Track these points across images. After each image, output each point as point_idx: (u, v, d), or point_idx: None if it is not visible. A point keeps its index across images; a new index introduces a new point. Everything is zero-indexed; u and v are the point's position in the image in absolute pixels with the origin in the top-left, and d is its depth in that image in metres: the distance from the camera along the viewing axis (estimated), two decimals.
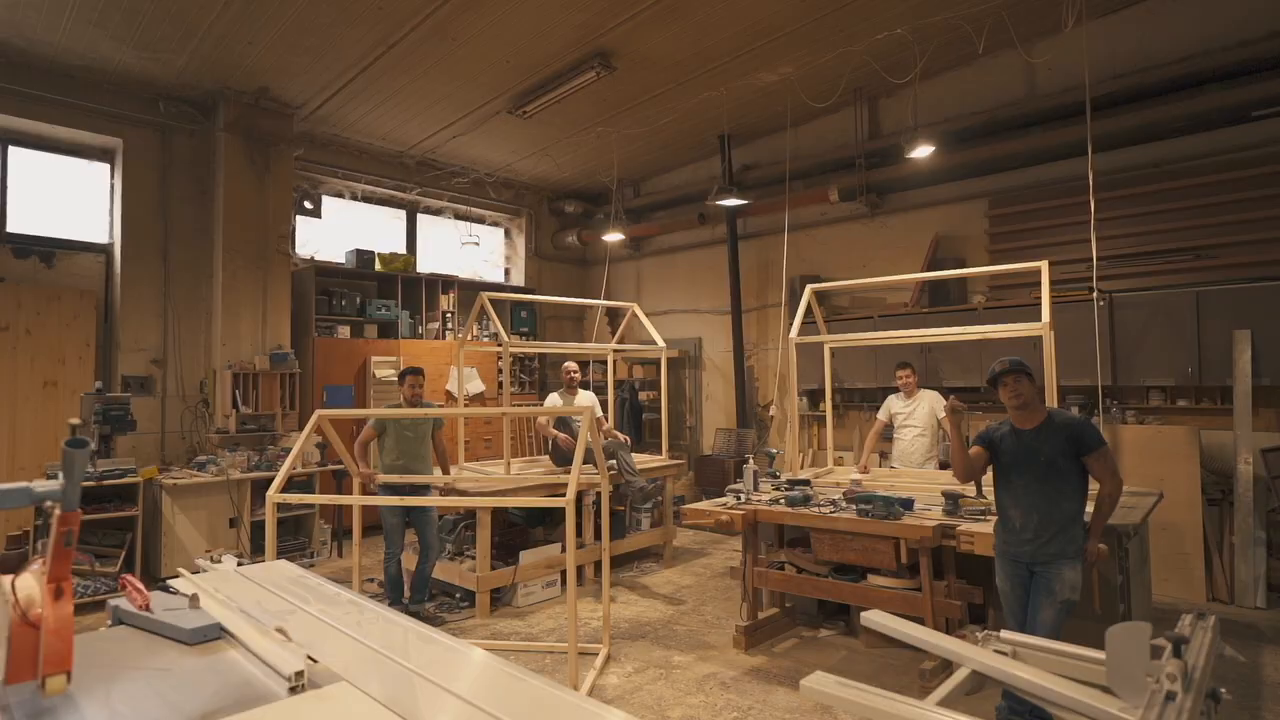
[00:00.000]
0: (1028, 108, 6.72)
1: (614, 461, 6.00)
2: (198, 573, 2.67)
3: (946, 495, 4.01)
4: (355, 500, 4.30)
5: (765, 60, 6.73)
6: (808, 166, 8.13)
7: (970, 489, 4.05)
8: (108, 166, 7.02)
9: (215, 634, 1.97)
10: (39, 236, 6.56)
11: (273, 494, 3.84)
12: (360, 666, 1.80)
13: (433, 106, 7.51)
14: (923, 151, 6.01)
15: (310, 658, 1.77)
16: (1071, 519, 3.11)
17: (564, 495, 3.48)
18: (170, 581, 2.44)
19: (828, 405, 6.07)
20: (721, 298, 9.11)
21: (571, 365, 6.36)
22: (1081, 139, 6.23)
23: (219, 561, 2.93)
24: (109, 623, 2.07)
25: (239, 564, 2.85)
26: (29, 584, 1.52)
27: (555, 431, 6.10)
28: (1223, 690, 1.70)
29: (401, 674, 1.74)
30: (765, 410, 8.95)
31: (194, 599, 2.15)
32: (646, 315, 7.43)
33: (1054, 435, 3.16)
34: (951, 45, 6.42)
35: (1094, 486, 3.23)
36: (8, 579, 1.56)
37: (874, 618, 2.45)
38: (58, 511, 1.54)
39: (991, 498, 4.02)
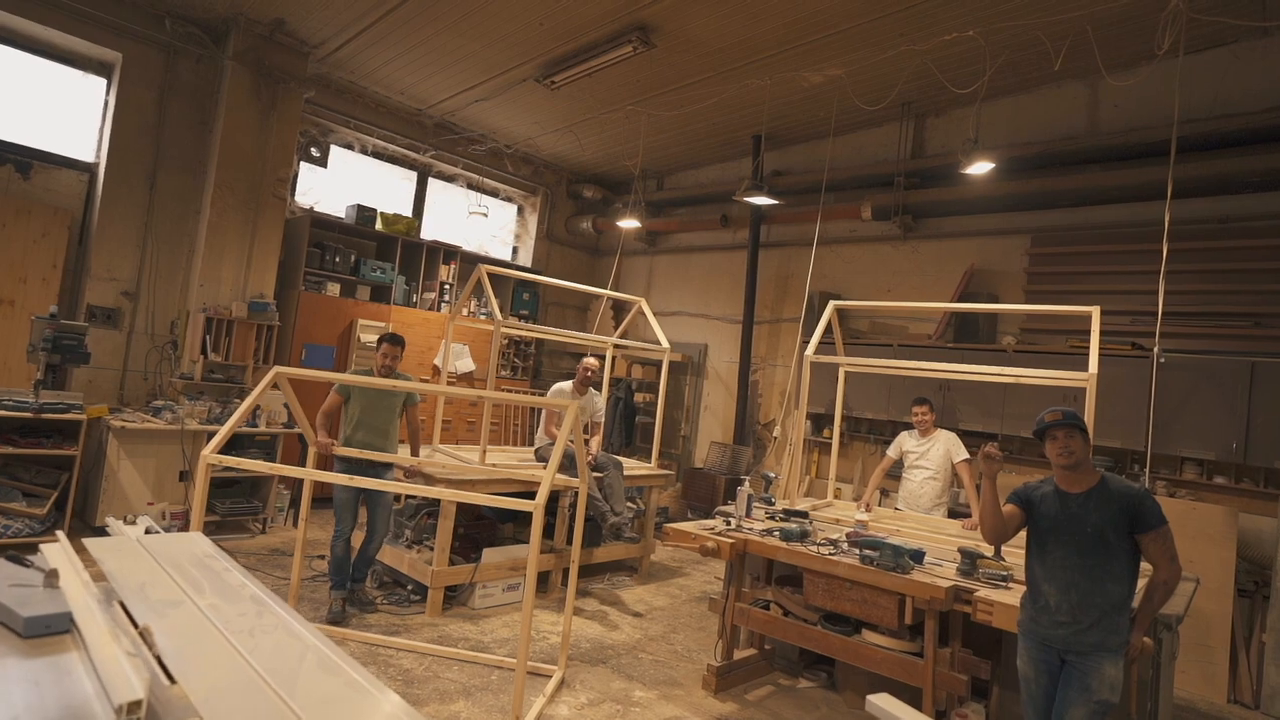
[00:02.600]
0: (1086, 144, 6.27)
1: (601, 476, 5.52)
2: (100, 535, 2.26)
3: (964, 553, 3.55)
4: (307, 474, 3.84)
5: (813, 58, 6.27)
6: (842, 179, 7.67)
7: (988, 548, 3.60)
8: (104, 81, 6.56)
9: (63, 626, 1.57)
10: (16, 144, 6.09)
11: (207, 453, 3.38)
12: (228, 697, 1.38)
13: (457, 64, 7.06)
14: (980, 168, 5.53)
15: (168, 675, 1.35)
16: (1117, 605, 2.65)
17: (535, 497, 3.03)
18: (44, 546, 2.02)
19: (835, 432, 5.61)
20: (734, 305, 8.66)
21: (593, 362, 5.78)
22: (1140, 183, 5.83)
23: (133, 523, 2.52)
24: None
25: (147, 530, 2.44)
26: None
27: (557, 433, 5.61)
28: None
29: (279, 717, 1.32)
30: (766, 429, 8.49)
31: (51, 576, 1.73)
32: (654, 314, 6.97)
33: (1106, 504, 2.70)
34: (1018, 65, 5.97)
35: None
36: None
37: (881, 705, 2.00)
38: None
39: (1009, 561, 3.59)
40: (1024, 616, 2.85)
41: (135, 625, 1.58)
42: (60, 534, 2.20)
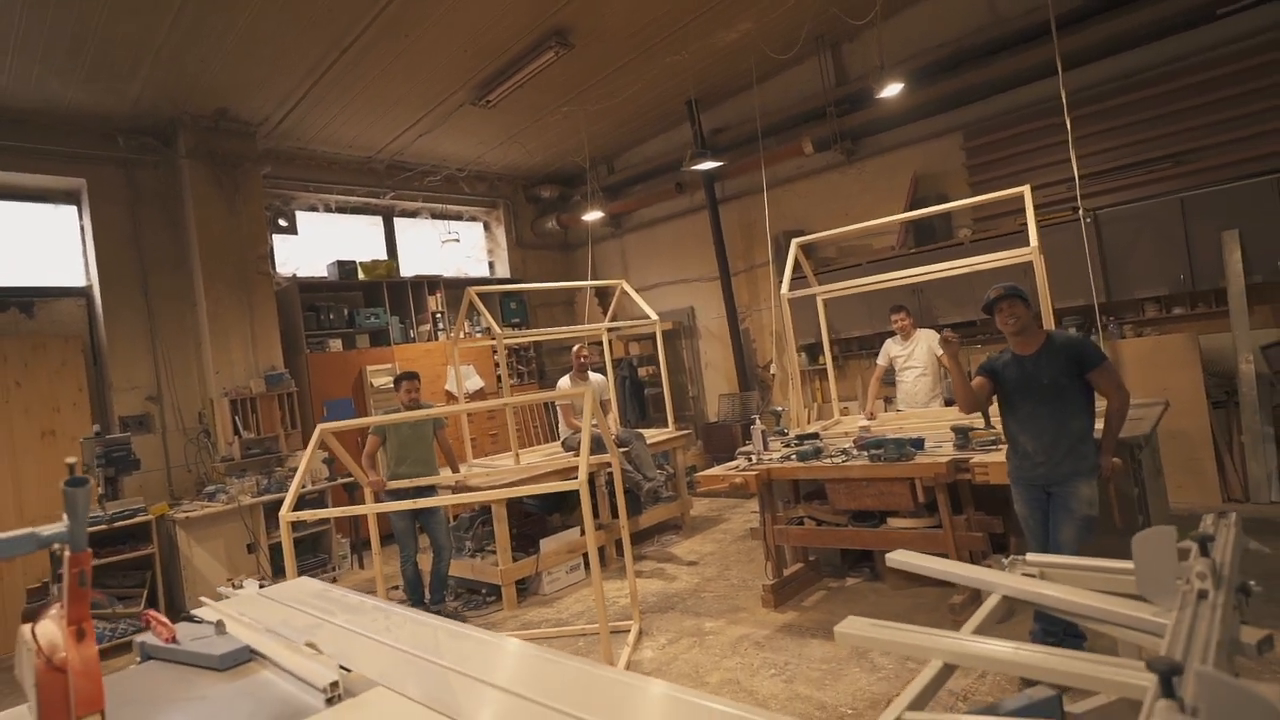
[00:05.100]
0: (992, 34, 6.63)
1: (627, 450, 5.95)
2: (220, 600, 2.67)
3: (955, 430, 4.02)
4: (369, 509, 4.30)
5: (723, 18, 6.61)
6: (779, 121, 8.04)
7: (978, 421, 4.05)
8: (74, 208, 6.91)
9: (245, 657, 1.95)
10: (15, 287, 6.46)
11: (285, 514, 3.84)
12: (394, 670, 1.79)
13: (395, 106, 7.39)
14: (892, 89, 5.93)
15: (343, 668, 1.75)
16: (1081, 437, 3.12)
17: (576, 479, 3.48)
18: (195, 611, 2.43)
19: (827, 357, 6.06)
20: (709, 264, 9.06)
21: (582, 349, 6.29)
22: (1049, 59, 6.19)
23: (241, 587, 2.92)
24: (138, 660, 2.06)
25: (261, 586, 2.84)
26: (50, 629, 1.50)
27: (578, 423, 6.04)
28: (1252, 583, 1.71)
29: (437, 672, 1.72)
30: (766, 370, 8.94)
31: (220, 625, 2.14)
32: (636, 290, 7.38)
33: (1055, 357, 3.16)
34: None
35: (1101, 402, 3.23)
36: (28, 627, 1.54)
37: (899, 557, 2.46)
38: (67, 553, 1.52)
39: (999, 426, 4.04)
40: (1011, 467, 3.32)
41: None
42: (204, 598, 2.64)
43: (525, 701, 1.45)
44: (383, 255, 9.21)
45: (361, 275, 8.39)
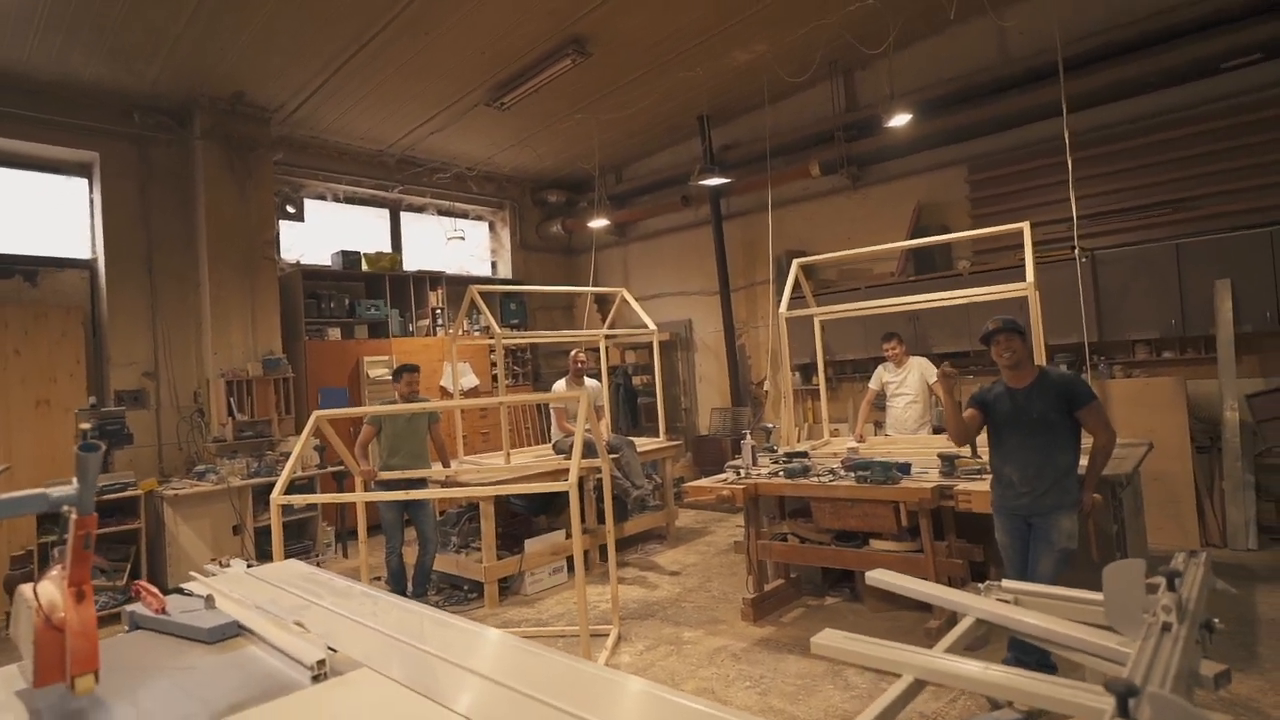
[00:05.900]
0: (1001, 72, 6.75)
1: (617, 456, 6.00)
2: (209, 578, 2.69)
3: (942, 457, 4.08)
4: (359, 497, 4.34)
5: (740, 39, 6.72)
6: (788, 142, 8.14)
7: (965, 449, 4.12)
8: (85, 181, 6.95)
9: (234, 631, 1.98)
10: (21, 255, 6.50)
11: (276, 496, 3.87)
12: (380, 653, 1.82)
13: (410, 102, 7.47)
14: (900, 120, 6.03)
15: (330, 647, 1.79)
16: (1065, 472, 3.18)
17: (565, 481, 3.52)
18: (185, 585, 2.46)
19: (820, 378, 6.13)
20: (709, 278, 9.13)
21: (580, 355, 6.34)
22: (1056, 100, 6.32)
23: (228, 566, 2.95)
24: (126, 629, 2.08)
25: (249, 567, 2.87)
26: (50, 589, 1.54)
27: (571, 427, 6.07)
28: (1216, 620, 1.77)
29: (421, 657, 1.76)
30: (759, 387, 9.01)
31: (209, 600, 2.17)
32: (636, 300, 7.44)
33: (1046, 393, 3.22)
34: (922, 13, 6.43)
35: (1088, 440, 3.30)
36: (29, 586, 1.59)
37: (878, 576, 2.51)
38: (74, 515, 1.56)
39: (986, 457, 4.11)
40: (994, 496, 3.38)
41: None
42: (194, 573, 2.67)
43: (504, 689, 1.49)
44: (387, 248, 9.28)
45: (365, 266, 8.45)
